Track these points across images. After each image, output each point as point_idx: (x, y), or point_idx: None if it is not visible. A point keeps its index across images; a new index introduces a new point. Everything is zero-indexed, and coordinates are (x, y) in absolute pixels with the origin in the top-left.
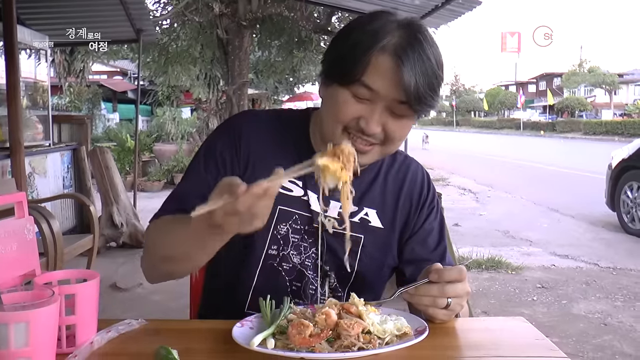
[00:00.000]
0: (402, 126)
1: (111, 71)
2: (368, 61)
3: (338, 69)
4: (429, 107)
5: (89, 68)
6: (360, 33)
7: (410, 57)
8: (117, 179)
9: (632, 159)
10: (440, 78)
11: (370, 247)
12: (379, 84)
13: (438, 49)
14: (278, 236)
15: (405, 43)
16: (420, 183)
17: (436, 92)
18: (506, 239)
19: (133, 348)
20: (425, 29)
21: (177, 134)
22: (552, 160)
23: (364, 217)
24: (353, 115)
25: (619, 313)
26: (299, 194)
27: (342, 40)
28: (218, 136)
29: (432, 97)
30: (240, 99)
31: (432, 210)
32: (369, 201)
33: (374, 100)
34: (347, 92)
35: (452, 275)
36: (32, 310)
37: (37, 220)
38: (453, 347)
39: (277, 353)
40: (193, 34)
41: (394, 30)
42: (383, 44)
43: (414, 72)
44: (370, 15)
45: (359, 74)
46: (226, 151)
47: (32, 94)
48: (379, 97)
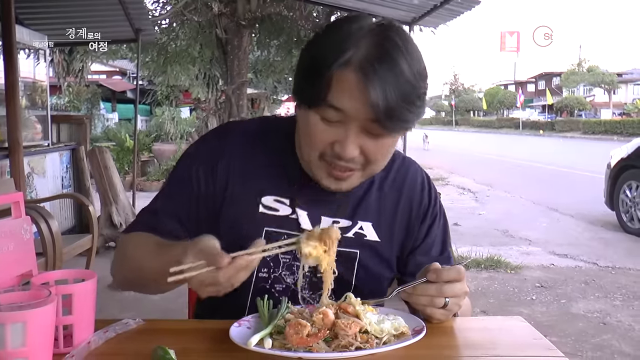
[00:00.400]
0: (382, 146)
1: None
2: (330, 79)
3: (301, 90)
4: (407, 123)
5: (87, 68)
6: (323, 46)
7: (377, 71)
8: (116, 179)
9: (631, 159)
10: (419, 88)
11: (367, 261)
12: (345, 103)
13: (416, 54)
14: (267, 258)
15: (372, 54)
16: (420, 189)
17: (414, 104)
18: (505, 238)
19: (130, 348)
20: (399, 34)
21: (176, 134)
22: (551, 160)
23: (358, 231)
24: (326, 141)
25: (618, 312)
26: (287, 212)
27: (305, 54)
28: (196, 154)
29: (409, 111)
30: (240, 99)
31: (435, 218)
32: (363, 214)
33: (345, 122)
34: (316, 116)
35: (450, 275)
36: (29, 311)
37: (36, 220)
38: (451, 346)
39: (274, 353)
40: (192, 33)
41: (360, 40)
42: (346, 58)
43: (382, 87)
44: (339, 21)
45: (322, 94)
46: (202, 173)
47: (31, 93)
48: (349, 117)
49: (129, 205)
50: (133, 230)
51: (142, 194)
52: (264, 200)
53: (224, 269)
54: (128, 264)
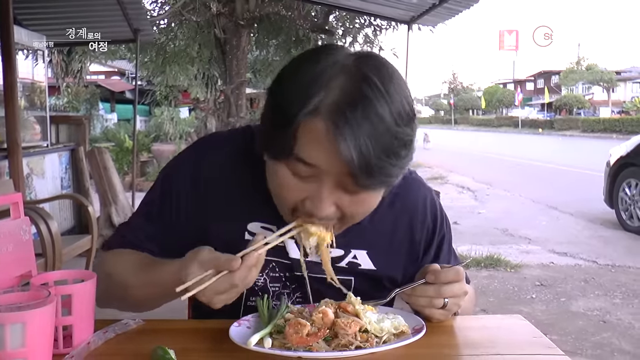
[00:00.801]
0: (362, 202)
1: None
2: (296, 130)
3: (266, 139)
4: (390, 178)
5: (86, 68)
6: (288, 89)
7: (349, 119)
8: (116, 180)
9: (630, 157)
10: (404, 135)
11: (362, 287)
12: (315, 157)
13: (399, 94)
14: (255, 288)
15: (343, 99)
16: (422, 215)
17: (398, 155)
18: (505, 237)
19: (130, 348)
20: (378, 70)
21: (176, 134)
22: (551, 158)
23: (352, 260)
24: (297, 197)
25: (618, 310)
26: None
27: (270, 98)
28: (176, 173)
29: (390, 165)
30: (238, 99)
31: (442, 242)
32: (357, 242)
33: (317, 176)
34: (284, 168)
35: (449, 276)
36: (28, 311)
37: (35, 221)
38: (450, 345)
39: (274, 352)
40: (191, 33)
41: (331, 80)
42: (313, 105)
43: (355, 139)
44: (308, 55)
45: (288, 147)
46: (183, 191)
47: (30, 94)
48: (321, 172)
49: (129, 205)
50: (114, 247)
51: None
52: (251, 227)
53: (239, 271)
54: (111, 282)
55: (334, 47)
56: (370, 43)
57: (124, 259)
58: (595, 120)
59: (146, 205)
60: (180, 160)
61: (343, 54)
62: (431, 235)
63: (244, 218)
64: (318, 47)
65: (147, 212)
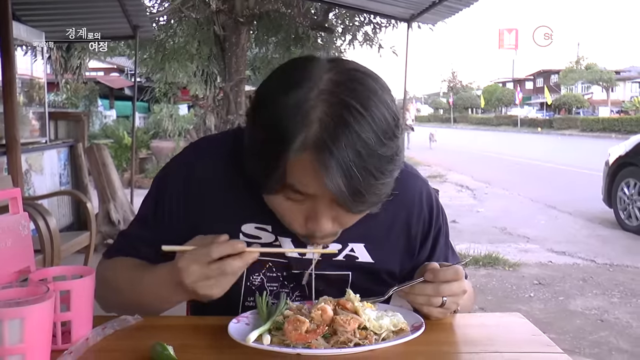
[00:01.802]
0: (356, 214)
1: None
2: (284, 169)
3: (256, 176)
4: (380, 197)
5: (85, 65)
6: (270, 127)
7: (333, 152)
8: (114, 176)
9: (629, 156)
10: (390, 151)
11: (360, 282)
12: (306, 186)
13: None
14: (252, 287)
15: (326, 132)
16: (418, 207)
17: (386, 172)
18: (503, 235)
19: (128, 344)
20: (355, 90)
21: (175, 131)
22: (550, 157)
23: (349, 253)
24: (299, 221)
25: (616, 309)
26: (270, 239)
27: (252, 134)
28: (169, 177)
29: (381, 184)
30: (238, 96)
31: (438, 235)
32: (354, 235)
33: (312, 198)
34: (279, 197)
35: (448, 275)
36: (27, 307)
37: (34, 217)
38: (449, 342)
39: (273, 349)
40: (190, 30)
41: (311, 112)
42: (298, 144)
43: (342, 170)
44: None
45: (278, 184)
46: (175, 194)
47: (28, 90)
48: (315, 196)
49: (127, 202)
50: (113, 255)
51: (140, 191)
52: (245, 228)
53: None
54: (108, 288)
55: (309, 66)
56: (369, 41)
57: (118, 265)
58: (594, 120)
59: (142, 211)
60: (173, 164)
61: (319, 73)
62: (427, 227)
63: (237, 219)
64: (294, 67)
65: (143, 218)
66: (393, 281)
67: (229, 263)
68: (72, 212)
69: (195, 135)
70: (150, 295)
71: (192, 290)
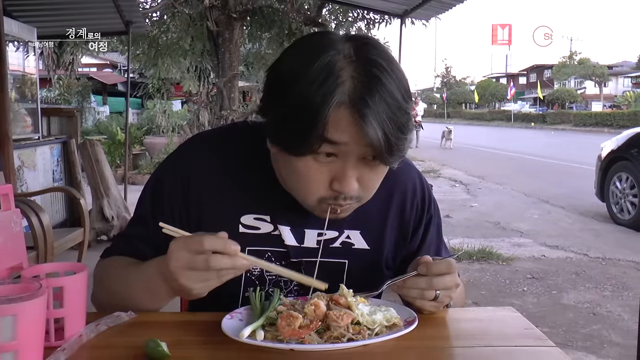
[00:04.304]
0: (379, 173)
1: (101, 64)
2: (326, 124)
3: (288, 141)
4: (404, 151)
5: (78, 60)
6: (305, 88)
7: (370, 105)
8: (108, 172)
9: (621, 150)
10: (409, 108)
11: (356, 270)
12: (343, 138)
13: (400, 71)
14: (252, 277)
15: (361, 87)
16: (411, 193)
17: (409, 129)
18: (497, 230)
19: (122, 341)
20: (379, 53)
21: (168, 127)
22: (543, 152)
23: (345, 240)
24: (323, 182)
25: (608, 303)
26: (269, 229)
27: (284, 102)
28: (166, 173)
29: (405, 139)
30: (231, 92)
31: (429, 223)
32: (350, 222)
33: (342, 156)
34: (308, 159)
35: (441, 268)
36: (19, 304)
37: (27, 213)
38: (442, 337)
39: (266, 345)
40: (183, 26)
41: (343, 70)
42: (337, 98)
43: (378, 121)
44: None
45: (318, 140)
46: (174, 191)
47: (21, 86)
48: (347, 151)
49: (121, 198)
50: (110, 255)
51: (134, 187)
52: (244, 220)
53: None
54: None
55: (326, 37)
56: None
57: (113, 264)
58: (587, 115)
59: (139, 211)
60: (169, 162)
61: (338, 42)
62: (420, 214)
63: (236, 212)
64: (311, 39)
65: (141, 217)
66: (387, 270)
67: (216, 258)
68: (65, 209)
69: (188, 131)
70: (141, 290)
71: (174, 278)
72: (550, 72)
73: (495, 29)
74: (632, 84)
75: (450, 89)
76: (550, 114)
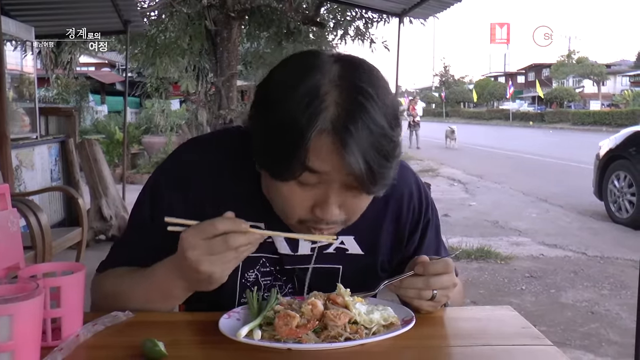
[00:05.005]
0: (363, 201)
1: (99, 63)
2: (306, 151)
3: (271, 164)
4: (389, 180)
5: (76, 60)
6: (289, 113)
7: (353, 133)
8: (106, 172)
9: (619, 149)
10: (396, 136)
11: (351, 275)
12: (325, 167)
13: (388, 96)
14: (247, 283)
15: (344, 115)
16: (408, 198)
17: (394, 157)
18: (495, 229)
19: (119, 341)
20: (365, 77)
21: (166, 126)
22: (541, 151)
23: (339, 246)
24: (305, 207)
25: (606, 301)
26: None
27: (267, 123)
28: (161, 180)
29: (390, 168)
30: (229, 91)
31: (427, 226)
32: (345, 228)
33: (325, 182)
34: (292, 183)
35: (438, 268)
36: (16, 304)
37: (25, 213)
38: (440, 336)
39: (263, 344)
40: (181, 25)
41: (328, 95)
42: (319, 124)
43: (360, 151)
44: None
45: (299, 167)
46: (172, 199)
47: (18, 86)
48: (329, 178)
49: (119, 198)
50: (108, 267)
51: (132, 186)
52: None
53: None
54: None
55: (314, 58)
56: (361, 36)
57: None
58: (586, 113)
59: (137, 219)
60: (164, 170)
61: (325, 64)
62: (417, 219)
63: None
64: (299, 59)
65: (140, 225)
66: (383, 273)
67: (233, 237)
68: (63, 208)
69: (187, 130)
70: (153, 293)
71: (194, 267)
72: (549, 71)
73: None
74: (630, 82)
75: (448, 88)
76: (548, 113)
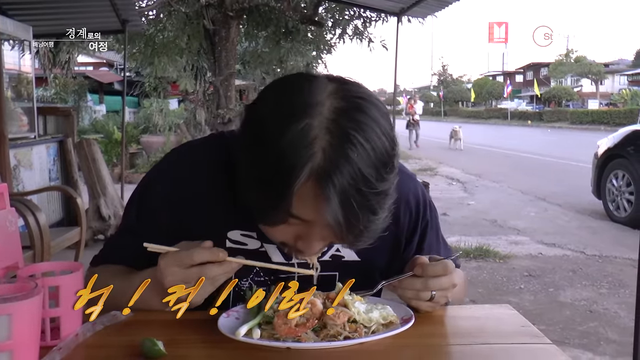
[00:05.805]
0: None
1: (97, 62)
2: (291, 199)
3: (255, 210)
4: (377, 232)
5: (74, 59)
6: (276, 155)
7: (336, 185)
8: (104, 171)
9: (617, 148)
10: (387, 185)
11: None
12: (307, 215)
13: (380, 136)
14: (241, 292)
15: (329, 165)
16: (405, 204)
17: (384, 208)
18: (494, 228)
19: (118, 340)
20: (358, 121)
21: (165, 126)
22: (540, 150)
23: (335, 253)
24: (288, 238)
25: (604, 300)
26: (256, 246)
27: (253, 168)
28: (152, 186)
29: (378, 220)
30: (228, 90)
31: (425, 229)
32: None
33: (308, 224)
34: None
35: (437, 270)
36: (15, 303)
37: (23, 213)
38: (439, 335)
39: (262, 343)
40: (179, 24)
41: (316, 141)
42: (305, 173)
43: (343, 206)
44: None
45: (283, 215)
46: (159, 205)
47: (16, 85)
48: (314, 223)
49: (118, 197)
50: (99, 264)
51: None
52: (231, 235)
53: (214, 266)
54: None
55: (307, 88)
56: (359, 35)
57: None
58: (584, 113)
59: (126, 219)
60: (156, 173)
61: (320, 98)
62: (415, 221)
63: (223, 227)
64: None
65: (128, 227)
66: (380, 279)
67: (209, 268)
68: (62, 208)
69: (185, 129)
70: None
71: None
72: (547, 70)
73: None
74: (629, 81)
75: (447, 87)
76: (546, 112)
